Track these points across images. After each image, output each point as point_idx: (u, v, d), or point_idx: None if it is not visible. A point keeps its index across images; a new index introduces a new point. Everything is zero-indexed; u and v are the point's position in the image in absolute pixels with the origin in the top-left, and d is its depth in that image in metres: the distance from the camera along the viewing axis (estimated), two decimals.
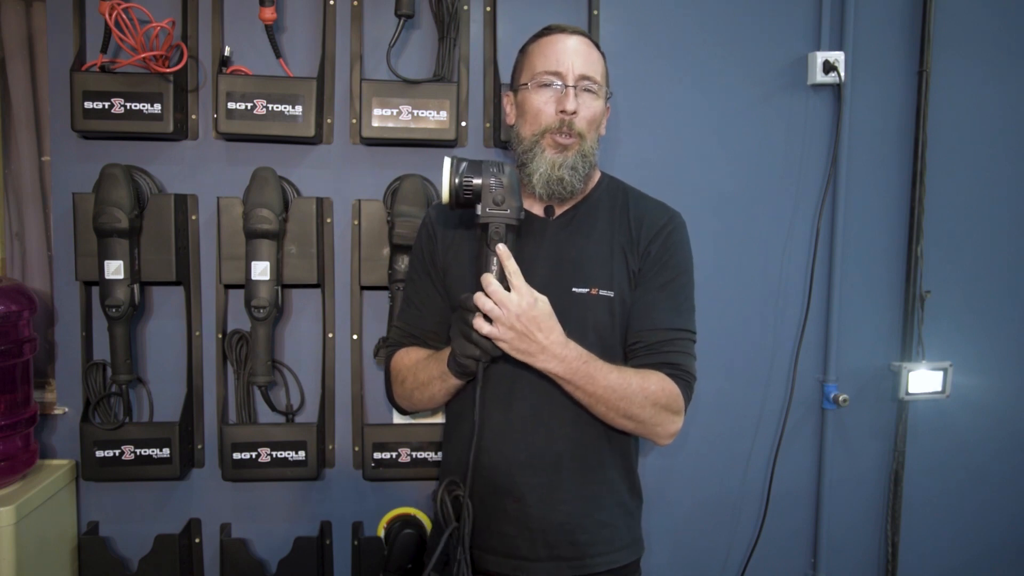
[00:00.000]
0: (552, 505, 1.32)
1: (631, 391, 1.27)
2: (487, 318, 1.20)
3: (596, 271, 1.34)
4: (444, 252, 1.40)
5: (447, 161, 1.22)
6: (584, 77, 1.31)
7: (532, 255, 1.33)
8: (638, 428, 1.31)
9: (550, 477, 1.32)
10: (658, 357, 1.33)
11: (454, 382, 1.31)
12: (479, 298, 1.20)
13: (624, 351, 1.36)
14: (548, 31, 1.37)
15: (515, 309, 1.18)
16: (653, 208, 1.42)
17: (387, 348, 1.49)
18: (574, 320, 1.30)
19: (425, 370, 1.35)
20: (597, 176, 1.44)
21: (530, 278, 1.24)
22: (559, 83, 1.31)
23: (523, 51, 1.40)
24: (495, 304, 1.19)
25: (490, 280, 1.20)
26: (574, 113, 1.30)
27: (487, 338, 1.21)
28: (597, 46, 1.38)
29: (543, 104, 1.31)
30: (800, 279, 2.00)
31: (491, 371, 1.30)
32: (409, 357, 1.41)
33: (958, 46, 2.02)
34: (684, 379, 1.33)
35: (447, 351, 1.30)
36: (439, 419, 1.76)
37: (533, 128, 1.33)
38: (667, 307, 1.35)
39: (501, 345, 1.21)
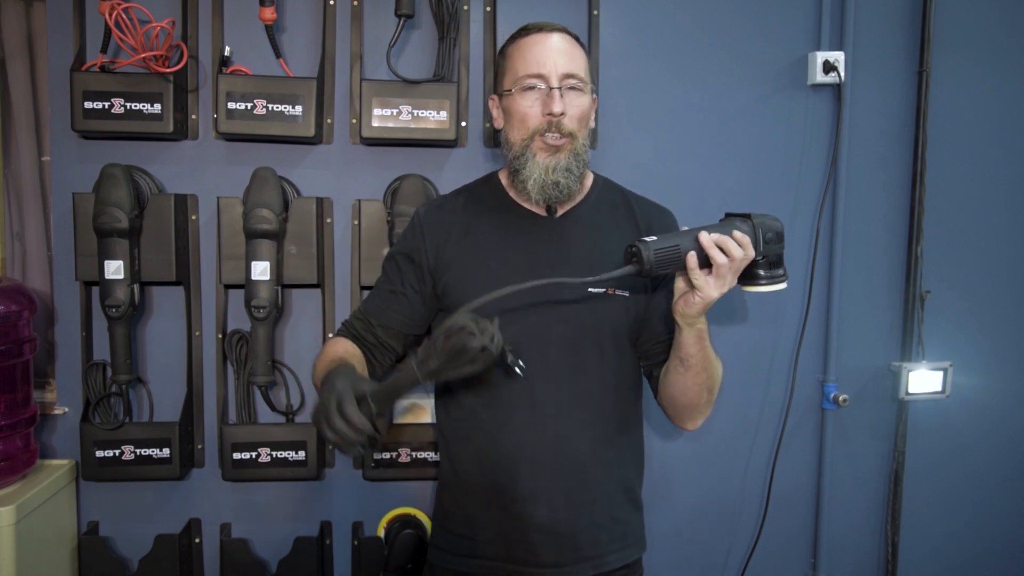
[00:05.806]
0: (580, 507, 1.30)
1: (717, 363, 1.31)
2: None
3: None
4: (436, 253, 1.36)
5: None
6: (568, 75, 1.29)
7: (541, 254, 1.33)
8: (708, 401, 1.33)
9: (576, 479, 1.30)
10: None
11: None
12: (723, 241, 1.16)
13: (647, 348, 1.37)
14: (526, 31, 1.33)
15: (739, 261, 1.17)
16: (655, 208, 1.44)
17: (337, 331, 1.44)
18: (591, 320, 1.30)
19: (320, 369, 1.28)
20: (591, 177, 1.43)
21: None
22: (543, 85, 1.29)
23: (503, 53, 1.37)
24: (735, 253, 1.16)
25: (725, 237, 1.18)
26: (562, 114, 1.28)
27: (353, 428, 1.06)
28: (578, 40, 1.35)
29: (529, 108, 1.29)
30: (800, 279, 2.00)
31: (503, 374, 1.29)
32: (335, 348, 1.34)
33: (958, 46, 2.01)
34: None
35: (337, 366, 1.19)
36: None
37: (522, 133, 1.31)
38: None
39: (716, 287, 1.17)
